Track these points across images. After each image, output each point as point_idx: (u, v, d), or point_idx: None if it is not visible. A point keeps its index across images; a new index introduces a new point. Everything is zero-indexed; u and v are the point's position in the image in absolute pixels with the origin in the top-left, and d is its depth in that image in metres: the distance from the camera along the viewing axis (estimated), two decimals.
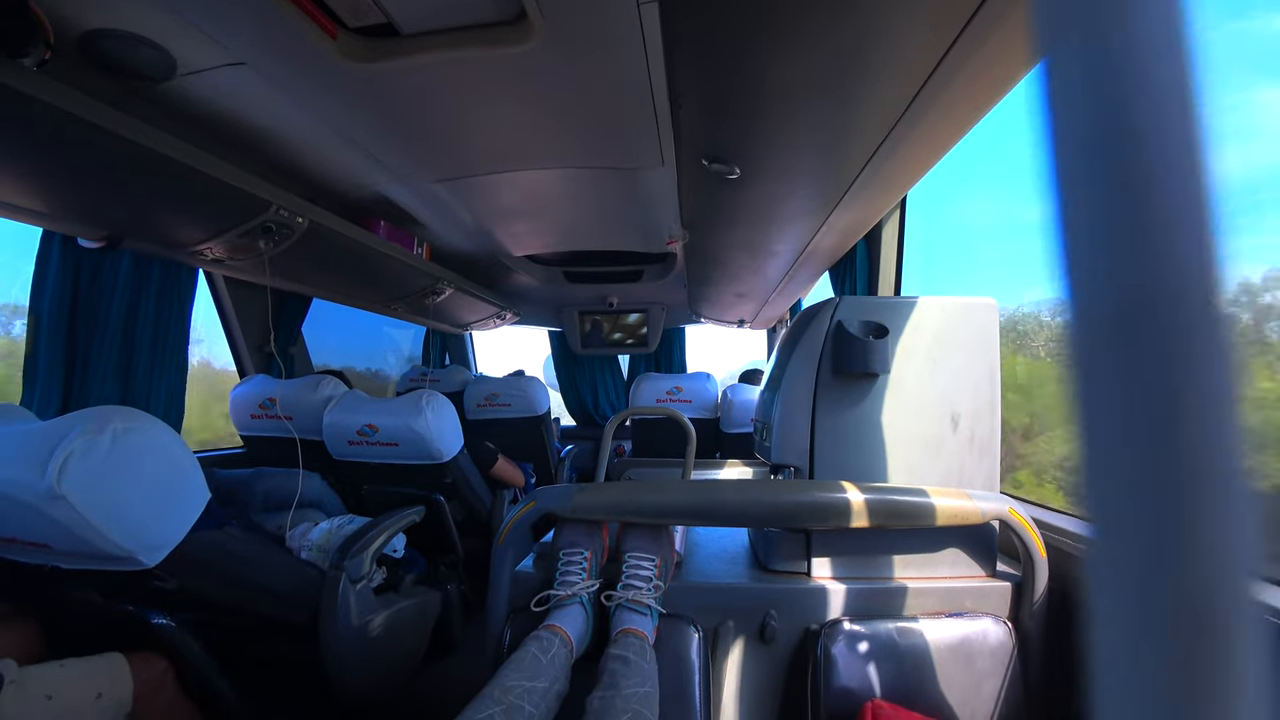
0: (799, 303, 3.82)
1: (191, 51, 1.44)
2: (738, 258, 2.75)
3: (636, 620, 1.17)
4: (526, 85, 1.50)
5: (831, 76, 1.26)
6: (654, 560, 1.25)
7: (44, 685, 1.19)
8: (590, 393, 5.08)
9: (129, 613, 1.40)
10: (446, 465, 2.40)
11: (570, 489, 1.29)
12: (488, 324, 4.36)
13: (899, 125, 1.39)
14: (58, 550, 1.21)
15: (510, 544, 1.32)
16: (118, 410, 1.22)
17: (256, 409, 2.49)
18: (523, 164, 2.01)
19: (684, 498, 1.28)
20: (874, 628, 1.26)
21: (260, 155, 1.96)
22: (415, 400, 2.30)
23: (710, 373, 4.02)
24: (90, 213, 1.71)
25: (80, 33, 1.37)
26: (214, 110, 1.70)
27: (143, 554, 1.22)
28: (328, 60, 1.37)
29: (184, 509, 1.30)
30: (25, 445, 1.14)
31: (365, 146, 1.89)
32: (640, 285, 3.77)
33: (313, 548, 1.90)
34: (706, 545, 1.63)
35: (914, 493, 1.25)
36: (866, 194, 1.83)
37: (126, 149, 1.37)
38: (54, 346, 1.84)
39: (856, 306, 1.42)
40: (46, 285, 1.84)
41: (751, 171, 1.75)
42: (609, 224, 2.68)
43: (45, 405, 1.82)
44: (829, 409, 1.40)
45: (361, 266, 2.55)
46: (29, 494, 1.11)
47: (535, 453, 3.71)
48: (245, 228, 1.86)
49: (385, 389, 4.63)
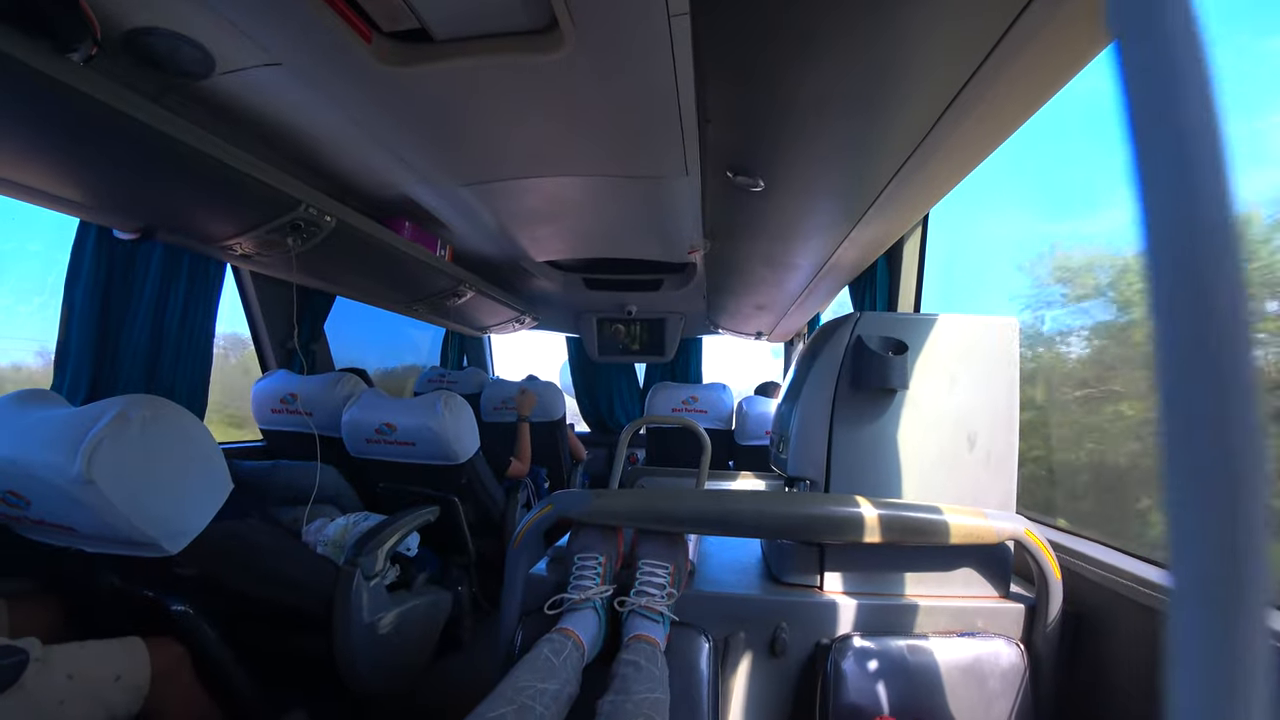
0: (817, 317, 3.82)
1: (230, 50, 1.47)
2: (758, 270, 2.76)
3: (648, 627, 1.17)
4: (555, 93, 1.52)
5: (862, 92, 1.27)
6: (668, 568, 1.26)
7: (66, 664, 1.22)
8: (606, 400, 5.09)
9: (148, 598, 1.43)
10: (462, 466, 2.42)
11: (587, 494, 1.29)
12: (507, 328, 4.39)
13: (926, 142, 1.40)
14: (82, 534, 1.24)
15: (525, 547, 1.33)
16: (146, 398, 1.24)
17: (277, 404, 2.52)
18: (548, 170, 2.03)
19: (700, 506, 1.28)
20: (885, 644, 1.25)
21: (291, 153, 2.00)
22: (433, 401, 2.33)
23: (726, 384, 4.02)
24: (127, 205, 1.75)
25: (125, 29, 1.40)
26: (249, 108, 1.73)
27: (166, 541, 1.25)
28: (362, 63, 1.39)
29: (208, 498, 1.33)
30: (57, 430, 1.17)
31: (394, 148, 1.92)
32: (659, 294, 3.77)
33: (328, 543, 1.92)
34: (719, 555, 1.63)
35: (929, 509, 1.24)
36: (890, 210, 1.83)
37: (165, 144, 1.40)
38: (85, 334, 1.88)
39: (877, 322, 1.42)
40: (81, 274, 1.89)
41: (776, 185, 1.75)
42: (631, 232, 2.69)
43: (74, 391, 1.86)
44: (847, 423, 1.40)
45: (385, 266, 2.58)
46: (59, 477, 1.13)
47: (550, 458, 3.73)
48: (274, 224, 1.90)
49: (403, 387, 4.67)
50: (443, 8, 1.28)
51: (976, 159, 1.49)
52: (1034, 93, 1.17)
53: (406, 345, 4.87)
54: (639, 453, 4.38)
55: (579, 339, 4.85)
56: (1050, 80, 1.13)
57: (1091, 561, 1.30)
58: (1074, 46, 1.03)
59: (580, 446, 4.23)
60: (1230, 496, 0.25)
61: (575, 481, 4.04)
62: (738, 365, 10.71)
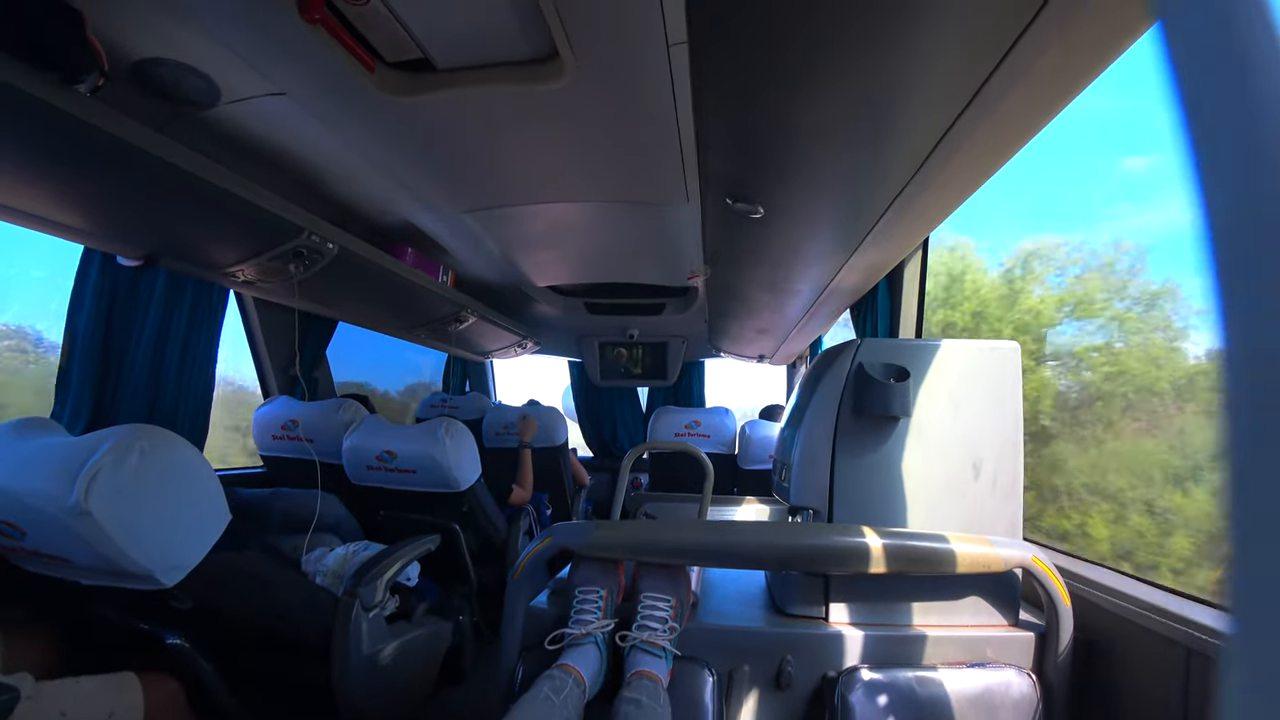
0: (819, 340, 3.81)
1: (236, 81, 1.49)
2: (759, 295, 2.76)
3: (650, 662, 1.15)
4: (557, 120, 1.53)
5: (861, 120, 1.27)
6: (670, 601, 1.23)
7: (58, 701, 1.20)
8: (609, 424, 5.07)
9: (143, 631, 1.41)
10: (463, 494, 2.40)
11: (588, 526, 1.28)
12: (509, 352, 4.39)
13: (924, 167, 1.40)
14: (78, 565, 1.23)
15: (526, 579, 1.31)
16: (145, 429, 1.24)
17: (278, 430, 2.51)
18: (550, 195, 2.04)
19: (702, 538, 1.26)
20: (893, 676, 1.23)
21: (294, 180, 2.01)
22: (434, 428, 2.32)
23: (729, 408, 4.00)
24: (132, 233, 1.76)
25: (133, 60, 1.42)
26: (253, 137, 1.75)
27: (162, 574, 1.23)
28: (366, 92, 1.41)
29: (205, 530, 1.31)
30: (55, 459, 1.16)
31: (397, 175, 1.94)
32: (661, 318, 3.78)
33: (327, 573, 1.90)
34: (723, 586, 1.61)
35: (934, 538, 1.23)
36: (889, 236, 1.83)
37: (170, 172, 1.41)
38: (86, 361, 1.88)
39: (878, 349, 1.42)
40: (84, 301, 1.89)
41: (775, 211, 1.76)
42: (632, 257, 2.70)
43: (75, 419, 1.86)
44: (849, 451, 1.39)
45: (388, 292, 2.59)
46: (55, 507, 1.12)
47: (552, 484, 3.70)
48: (277, 251, 1.90)
49: (405, 412, 4.66)
50: (445, 38, 1.29)
51: (974, 185, 1.49)
52: (1026, 124, 1.18)
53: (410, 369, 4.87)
54: (642, 477, 4.35)
55: (581, 363, 4.85)
56: (1041, 112, 1.14)
57: (1100, 587, 1.28)
58: (1065, 78, 1.03)
59: (583, 472, 4.20)
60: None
61: (578, 508, 4.00)
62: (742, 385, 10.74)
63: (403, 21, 1.24)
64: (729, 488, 3.74)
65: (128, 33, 1.34)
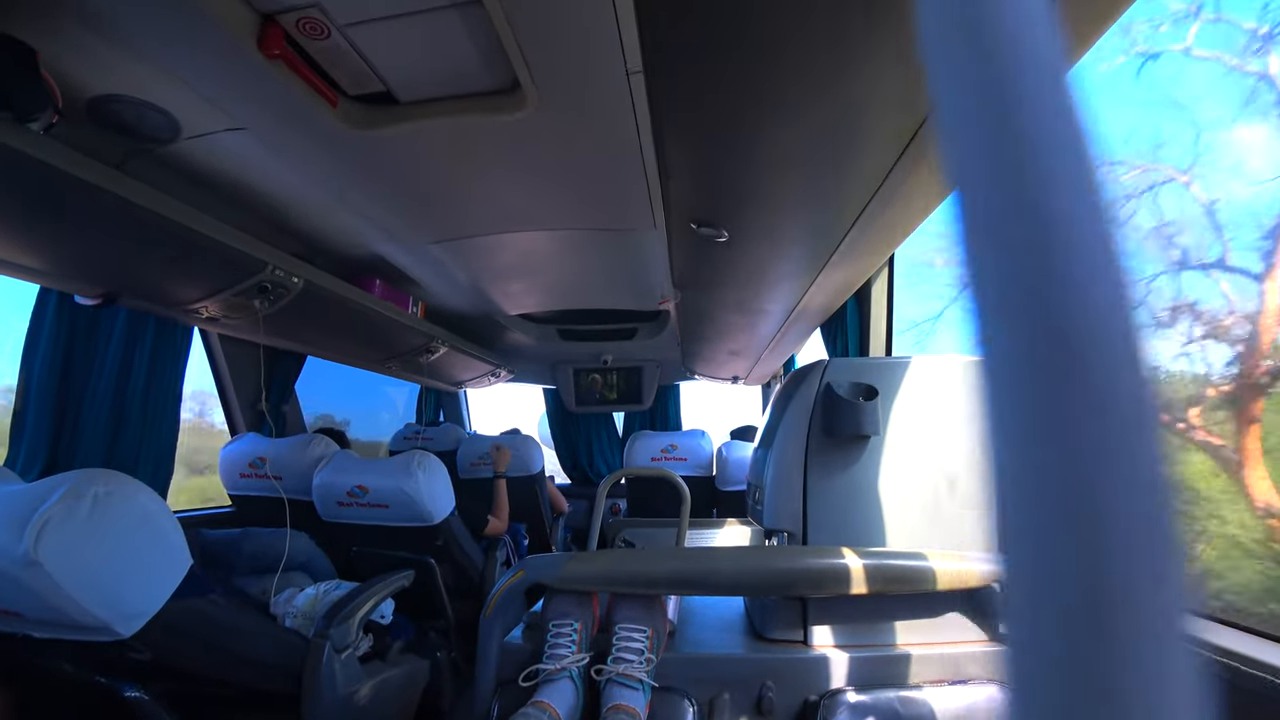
0: (793, 359, 3.84)
1: (196, 116, 1.47)
2: (729, 316, 2.77)
3: (627, 696, 1.13)
4: (521, 150, 1.53)
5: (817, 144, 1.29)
6: (646, 631, 1.21)
7: None
8: (585, 450, 5.04)
9: (100, 684, 1.35)
10: (438, 527, 2.35)
11: (560, 558, 1.26)
12: (482, 382, 4.35)
13: (884, 187, 1.42)
14: (29, 618, 1.18)
15: (499, 614, 1.28)
16: (101, 473, 1.20)
17: (246, 468, 2.45)
18: (517, 225, 2.04)
19: (676, 567, 1.25)
20: (876, 697, 1.22)
21: (258, 215, 1.99)
22: (407, 461, 2.28)
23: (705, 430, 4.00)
24: (89, 271, 1.72)
25: (89, 97, 1.40)
26: (215, 172, 1.73)
27: (118, 623, 1.18)
28: (328, 126, 1.40)
29: (163, 576, 1.27)
30: (3, 508, 1.12)
31: (362, 208, 1.92)
32: (634, 343, 3.78)
33: (297, 614, 1.85)
34: (701, 613, 1.59)
35: (911, 556, 1.22)
36: (854, 254, 1.85)
37: (128, 210, 1.39)
38: (43, 404, 1.82)
39: (845, 368, 1.42)
40: (40, 342, 1.84)
41: (741, 234, 1.78)
42: (602, 284, 2.70)
43: (30, 464, 1.80)
44: (821, 472, 1.39)
45: (356, 325, 2.56)
46: (4, 559, 1.08)
47: (530, 513, 3.65)
48: (241, 287, 1.87)
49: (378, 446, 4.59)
50: (406, 72, 1.29)
51: (936, 201, 1.52)
52: None
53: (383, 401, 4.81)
54: (621, 502, 4.32)
55: (556, 390, 4.82)
56: None
57: None
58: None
59: (561, 499, 4.16)
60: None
61: (556, 535, 3.95)
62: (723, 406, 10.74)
63: (364, 56, 1.24)
64: (709, 509, 3.72)
65: (83, 69, 1.32)
